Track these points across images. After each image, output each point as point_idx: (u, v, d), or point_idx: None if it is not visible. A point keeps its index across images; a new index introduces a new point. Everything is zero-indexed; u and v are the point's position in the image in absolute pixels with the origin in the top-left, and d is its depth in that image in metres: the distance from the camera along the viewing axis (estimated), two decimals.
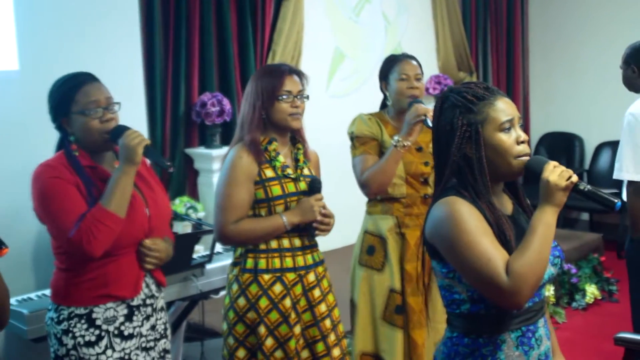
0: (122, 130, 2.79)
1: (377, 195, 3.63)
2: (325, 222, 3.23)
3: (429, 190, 3.60)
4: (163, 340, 2.96)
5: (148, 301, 2.88)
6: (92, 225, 2.63)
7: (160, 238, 2.91)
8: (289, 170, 3.22)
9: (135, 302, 2.83)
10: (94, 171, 2.79)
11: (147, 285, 2.89)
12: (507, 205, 2.28)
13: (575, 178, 2.09)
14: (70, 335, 2.75)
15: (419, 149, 3.65)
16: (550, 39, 8.73)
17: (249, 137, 3.16)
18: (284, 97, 3.16)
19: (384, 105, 3.79)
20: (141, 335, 2.86)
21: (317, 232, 3.25)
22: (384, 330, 3.64)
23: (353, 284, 3.75)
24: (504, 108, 2.17)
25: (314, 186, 3.23)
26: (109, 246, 2.69)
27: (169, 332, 3.02)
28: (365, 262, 3.69)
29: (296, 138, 3.34)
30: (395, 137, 3.47)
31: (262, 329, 3.13)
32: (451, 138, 2.16)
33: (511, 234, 2.11)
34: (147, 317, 2.88)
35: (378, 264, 3.65)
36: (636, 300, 4.41)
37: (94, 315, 2.76)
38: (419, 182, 3.64)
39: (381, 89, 3.77)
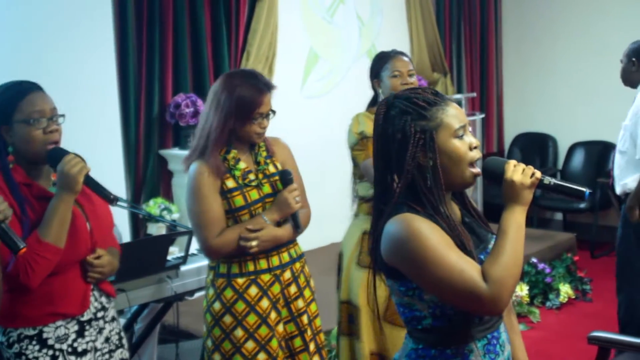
0: (60, 154, 2.64)
1: None
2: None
3: None
4: (119, 351, 2.90)
5: (99, 314, 2.81)
6: (30, 258, 2.52)
7: (104, 249, 2.83)
8: (251, 176, 3.17)
9: (85, 317, 2.76)
10: (29, 189, 2.67)
11: (96, 299, 2.81)
12: (456, 211, 2.22)
13: (539, 174, 2.06)
14: (23, 358, 2.66)
15: None
16: (524, 40, 8.77)
17: (213, 150, 3.09)
18: (257, 119, 3.11)
19: (373, 103, 3.77)
20: (96, 350, 2.79)
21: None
22: (388, 331, 3.62)
23: (350, 286, 3.70)
24: (456, 114, 2.10)
25: (285, 178, 3.19)
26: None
27: (124, 341, 2.96)
28: (367, 264, 3.60)
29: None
30: None
31: (240, 332, 3.11)
32: (403, 146, 2.07)
33: (470, 243, 2.06)
34: (100, 331, 2.81)
35: None
36: (625, 295, 4.45)
37: (44, 335, 2.68)
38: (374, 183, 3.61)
39: (373, 87, 3.75)
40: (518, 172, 2.05)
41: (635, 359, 3.55)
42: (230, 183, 3.12)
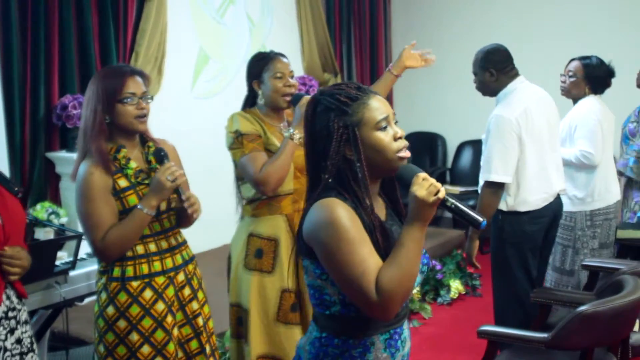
0: None
1: (274, 191, 3.51)
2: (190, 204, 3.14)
3: None
4: (30, 355, 2.83)
5: (10, 314, 2.75)
6: None
7: (17, 245, 2.77)
8: (143, 175, 3.13)
9: None
10: None
11: (8, 297, 2.75)
12: (381, 209, 2.28)
13: (442, 194, 2.08)
14: None
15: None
16: (412, 41, 8.89)
17: (94, 146, 3.03)
18: (128, 99, 3.06)
19: (251, 104, 3.74)
20: (5, 350, 2.72)
21: (190, 211, 3.14)
22: (281, 331, 3.59)
23: (238, 288, 3.68)
24: (378, 106, 2.16)
25: (158, 155, 3.15)
26: None
27: (35, 346, 2.90)
28: (253, 266, 3.60)
29: (144, 138, 3.25)
30: (290, 130, 3.44)
31: (135, 336, 3.06)
32: (328, 142, 2.14)
33: (383, 242, 2.12)
34: (12, 331, 2.75)
35: (268, 266, 3.58)
36: (498, 293, 4.56)
37: None
38: (305, 176, 3.61)
39: (251, 88, 3.72)
40: (424, 187, 2.07)
41: (521, 351, 3.65)
42: (123, 182, 3.08)
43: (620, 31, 7.50)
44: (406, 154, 2.17)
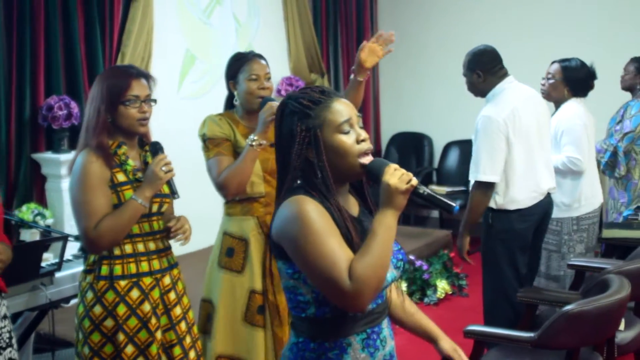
0: None
1: (235, 196, 3.57)
2: (179, 230, 3.20)
3: None
4: (9, 350, 2.83)
5: None
6: None
7: None
8: (140, 174, 3.15)
9: None
10: None
11: None
12: (353, 207, 2.28)
13: (414, 182, 2.09)
14: None
15: (273, 145, 3.62)
16: (399, 42, 8.81)
17: (95, 141, 3.05)
18: (131, 102, 3.08)
19: (230, 105, 3.75)
20: None
21: (177, 238, 3.20)
22: (245, 331, 3.60)
23: (210, 284, 3.69)
24: (340, 109, 2.17)
25: (154, 148, 3.17)
26: None
27: (14, 341, 2.89)
28: (224, 264, 3.64)
29: (143, 140, 3.27)
30: (251, 136, 3.45)
31: (121, 336, 3.06)
32: (292, 145, 2.16)
33: (356, 235, 2.12)
34: None
35: (238, 265, 3.60)
36: (487, 290, 4.58)
37: None
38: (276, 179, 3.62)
39: (228, 88, 3.72)
40: (396, 176, 2.08)
41: (507, 350, 3.66)
42: (121, 177, 3.09)
43: (608, 30, 7.53)
44: (368, 158, 2.17)
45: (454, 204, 2.14)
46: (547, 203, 4.50)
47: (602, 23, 7.58)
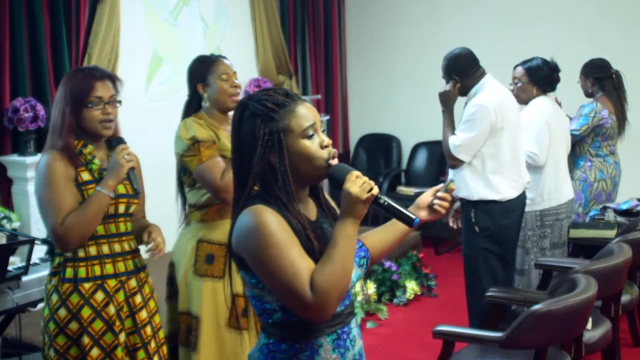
0: None
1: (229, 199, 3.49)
2: (154, 246, 3.19)
3: None
4: None
5: None
6: None
7: None
8: (105, 174, 3.12)
9: None
10: None
11: None
12: (311, 211, 2.26)
13: (375, 191, 2.07)
14: None
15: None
16: (367, 44, 8.95)
17: (61, 142, 3.05)
18: (94, 103, 3.07)
19: (194, 109, 3.71)
20: None
21: (151, 254, 3.19)
22: (230, 337, 3.56)
23: (189, 296, 3.61)
24: (305, 114, 2.14)
25: (116, 143, 3.16)
26: None
27: None
28: (204, 272, 3.56)
29: (111, 141, 3.24)
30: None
31: (85, 339, 3.04)
32: (254, 148, 2.11)
33: (317, 241, 2.10)
34: None
35: (219, 271, 3.54)
36: (470, 288, 4.63)
37: None
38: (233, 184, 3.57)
39: (194, 91, 3.70)
40: (357, 184, 2.06)
41: (477, 350, 3.68)
42: (86, 176, 3.08)
43: (571, 24, 7.61)
44: (334, 162, 2.14)
45: (414, 216, 2.12)
46: (525, 198, 4.65)
47: (560, 20, 7.67)
